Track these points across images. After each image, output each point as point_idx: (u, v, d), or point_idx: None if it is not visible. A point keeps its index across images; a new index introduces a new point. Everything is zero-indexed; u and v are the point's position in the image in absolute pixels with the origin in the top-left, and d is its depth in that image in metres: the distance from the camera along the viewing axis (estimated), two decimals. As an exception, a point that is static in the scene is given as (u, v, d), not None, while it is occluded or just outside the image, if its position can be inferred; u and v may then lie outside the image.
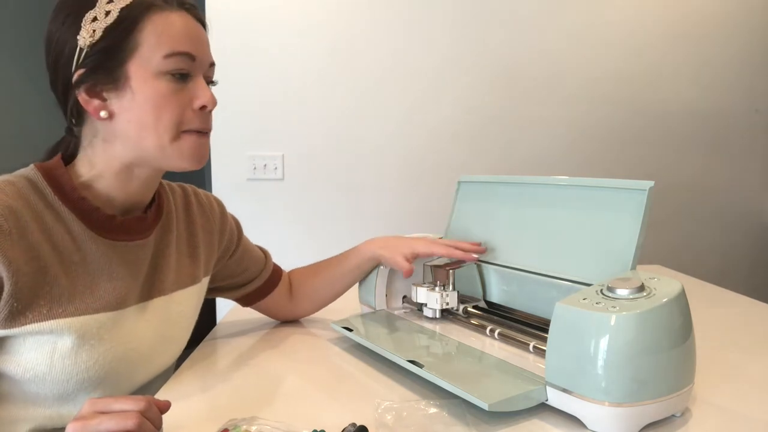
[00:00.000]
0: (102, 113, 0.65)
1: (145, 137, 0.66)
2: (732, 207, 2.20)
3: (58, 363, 0.63)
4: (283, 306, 1.00)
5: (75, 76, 0.64)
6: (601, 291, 0.62)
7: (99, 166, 0.68)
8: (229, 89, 1.92)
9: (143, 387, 0.75)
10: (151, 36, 0.64)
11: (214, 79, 0.73)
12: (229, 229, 0.91)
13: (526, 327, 0.80)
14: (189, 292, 0.81)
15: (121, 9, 0.63)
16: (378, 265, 0.95)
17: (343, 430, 0.57)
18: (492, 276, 0.90)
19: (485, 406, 0.59)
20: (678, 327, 0.59)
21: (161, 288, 0.76)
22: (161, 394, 0.71)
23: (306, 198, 2.02)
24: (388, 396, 0.69)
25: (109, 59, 0.64)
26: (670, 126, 2.13)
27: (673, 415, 0.62)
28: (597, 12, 2.05)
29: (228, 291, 0.95)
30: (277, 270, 0.99)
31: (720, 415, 0.63)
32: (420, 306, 0.94)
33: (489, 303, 0.91)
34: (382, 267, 0.95)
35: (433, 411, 0.63)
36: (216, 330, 0.99)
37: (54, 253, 0.63)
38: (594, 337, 0.57)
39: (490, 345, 0.80)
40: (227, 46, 1.92)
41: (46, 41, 0.66)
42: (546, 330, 0.66)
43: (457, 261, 0.90)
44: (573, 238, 0.77)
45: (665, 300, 0.58)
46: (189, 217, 0.84)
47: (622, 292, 0.60)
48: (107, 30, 0.63)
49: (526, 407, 0.62)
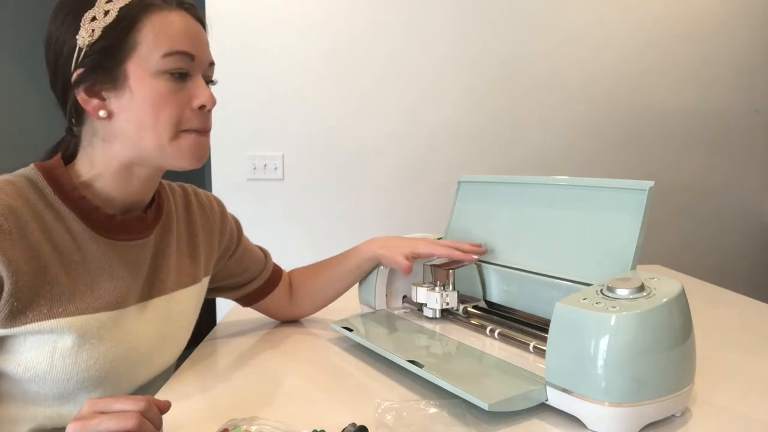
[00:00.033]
0: (101, 113, 0.65)
1: (144, 136, 0.66)
2: (732, 207, 2.20)
3: (58, 362, 0.63)
4: (283, 306, 1.00)
5: (74, 75, 0.64)
6: (601, 291, 0.62)
7: (98, 165, 0.69)
8: (229, 89, 1.92)
9: (143, 387, 0.75)
10: (150, 35, 0.64)
11: (213, 79, 0.73)
12: (229, 229, 0.91)
13: (526, 327, 0.80)
14: (189, 291, 0.81)
15: (120, 8, 0.63)
16: (378, 265, 0.95)
17: (343, 430, 0.57)
18: (492, 276, 0.90)
19: (485, 406, 0.59)
20: (678, 327, 0.59)
21: (162, 287, 0.76)
22: (161, 394, 0.71)
23: (306, 198, 2.02)
24: (388, 396, 0.69)
25: (108, 59, 0.64)
26: (670, 126, 2.14)
27: (673, 415, 0.62)
28: (597, 12, 2.05)
29: (228, 291, 0.95)
30: (277, 270, 0.99)
31: (720, 415, 0.63)
32: (420, 306, 0.94)
33: (489, 303, 0.91)
34: (382, 267, 0.95)
35: (433, 411, 0.63)
36: (216, 330, 0.99)
37: (54, 253, 0.63)
38: (594, 337, 0.57)
39: (490, 345, 0.80)
40: (227, 46, 1.92)
41: (45, 41, 0.66)
42: (546, 330, 0.66)
43: (457, 261, 0.90)
44: (573, 238, 0.77)
45: (665, 300, 0.58)
46: (189, 217, 0.84)
47: (622, 292, 0.60)
48: (106, 29, 0.63)
49: (526, 407, 0.62)
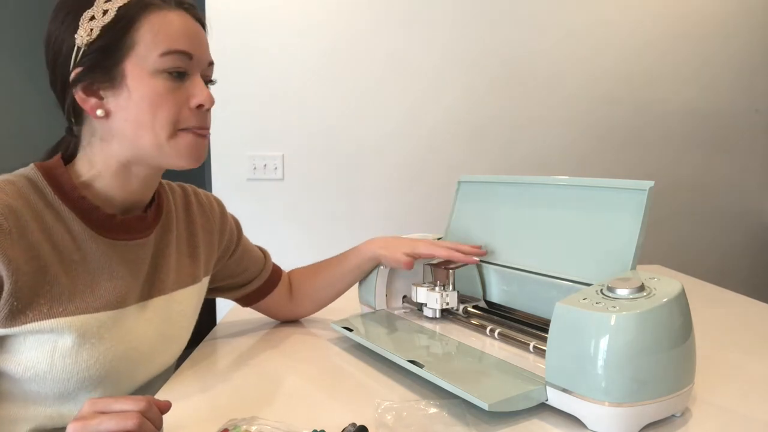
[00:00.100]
0: (99, 112, 0.65)
1: (142, 135, 0.66)
2: (732, 207, 2.20)
3: (58, 362, 0.63)
4: (283, 306, 1.00)
5: (72, 74, 0.64)
6: (601, 291, 0.62)
7: (98, 165, 0.69)
8: (229, 89, 1.92)
9: (143, 387, 0.75)
10: (148, 34, 0.64)
11: (213, 78, 0.73)
12: (229, 229, 0.91)
13: (526, 327, 0.80)
14: (189, 291, 0.81)
15: (119, 8, 0.63)
16: (378, 265, 0.95)
17: (343, 430, 0.57)
18: (492, 276, 0.90)
19: (485, 406, 0.59)
20: (678, 327, 0.59)
21: (161, 287, 0.76)
22: (161, 394, 0.71)
23: (306, 198, 2.02)
24: (388, 396, 0.69)
25: (106, 58, 0.64)
26: (670, 126, 2.14)
27: (673, 415, 0.62)
28: (597, 12, 2.05)
29: (228, 291, 0.95)
30: (277, 270, 0.99)
31: (720, 415, 0.63)
32: (420, 306, 0.94)
33: (489, 303, 0.91)
34: (382, 267, 0.95)
35: (433, 411, 0.63)
36: (216, 330, 0.99)
37: (54, 252, 0.63)
38: (594, 337, 0.57)
39: (490, 345, 0.80)
40: (227, 46, 1.92)
41: (45, 40, 0.66)
42: (546, 330, 0.66)
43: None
44: (573, 238, 0.77)
45: (665, 300, 0.58)
46: (189, 217, 0.84)
47: (622, 292, 0.60)
48: (104, 29, 0.63)
49: (526, 407, 0.62)
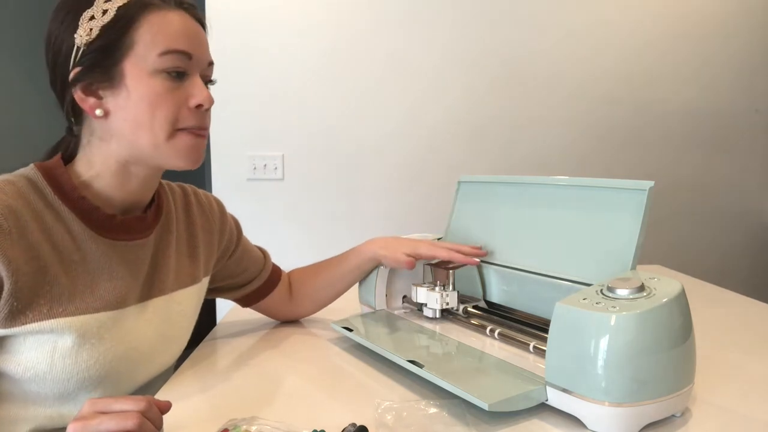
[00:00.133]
0: (97, 111, 0.65)
1: (141, 135, 0.66)
2: (732, 207, 2.20)
3: (58, 362, 0.63)
4: (283, 306, 1.00)
5: (71, 74, 0.64)
6: (601, 291, 0.62)
7: (96, 165, 0.69)
8: (229, 89, 1.92)
9: (143, 387, 0.75)
10: (147, 34, 0.64)
11: (213, 78, 0.73)
12: (229, 229, 0.91)
13: (526, 327, 0.80)
14: (189, 291, 0.81)
15: (119, 8, 0.63)
16: (378, 266, 0.95)
17: (343, 430, 0.57)
18: (492, 276, 0.90)
19: (485, 406, 0.59)
20: (678, 327, 0.59)
21: (161, 287, 0.76)
22: (161, 394, 0.71)
23: (306, 198, 2.02)
24: (388, 396, 0.69)
25: (105, 57, 0.64)
26: (670, 126, 2.14)
27: (673, 415, 0.62)
28: (597, 12, 2.05)
29: (227, 291, 0.95)
30: (276, 270, 0.99)
31: (720, 415, 0.63)
32: (420, 306, 0.94)
33: (489, 303, 0.91)
34: (382, 267, 0.95)
35: (433, 411, 0.63)
36: (216, 330, 0.99)
37: (54, 253, 0.63)
38: (594, 337, 0.57)
39: (490, 345, 0.80)
40: (227, 46, 1.92)
41: (45, 40, 0.66)
42: (546, 330, 0.66)
43: (457, 261, 0.90)
44: (573, 238, 0.77)
45: (665, 300, 0.58)
46: (189, 218, 0.84)
47: (622, 292, 0.60)
48: (104, 28, 0.63)
49: (526, 407, 0.62)
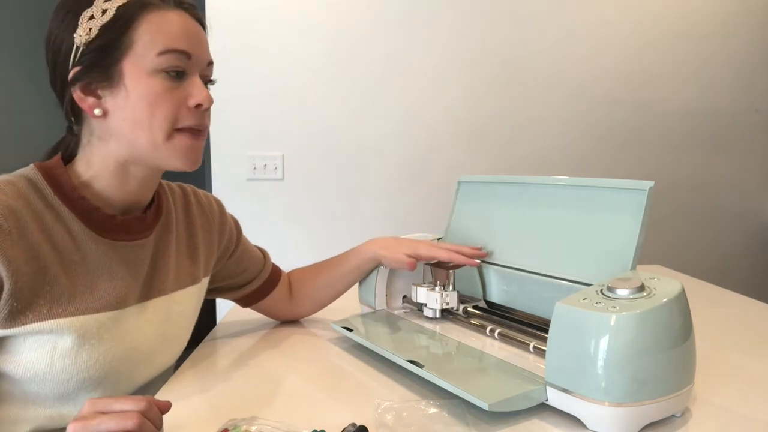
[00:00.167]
0: (96, 111, 0.65)
1: (139, 135, 0.66)
2: (732, 207, 2.20)
3: (58, 363, 0.63)
4: (283, 306, 0.99)
5: (71, 73, 0.64)
6: (601, 291, 0.62)
7: (95, 165, 0.69)
8: (229, 89, 1.92)
9: (143, 387, 0.75)
10: (146, 34, 0.64)
11: (213, 78, 0.73)
12: (229, 230, 0.91)
13: (526, 327, 0.80)
14: (189, 292, 0.81)
15: (118, 7, 0.63)
16: (378, 266, 0.95)
17: (343, 430, 0.57)
18: (492, 276, 0.90)
19: (485, 406, 0.59)
20: (678, 327, 0.59)
21: (161, 288, 0.76)
22: (161, 394, 0.71)
23: (306, 198, 2.02)
24: (388, 396, 0.69)
25: (105, 57, 0.64)
26: (670, 126, 2.14)
27: (673, 415, 0.62)
28: (597, 12, 2.05)
29: (227, 292, 0.95)
30: (276, 270, 0.99)
31: (720, 415, 0.63)
32: (420, 306, 0.94)
33: (489, 303, 0.91)
34: (382, 267, 0.95)
35: (433, 411, 0.63)
36: (216, 330, 0.99)
37: (54, 253, 0.63)
38: (594, 337, 0.57)
39: (490, 345, 0.80)
40: (227, 46, 1.92)
41: (46, 39, 0.66)
42: (546, 330, 0.66)
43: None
44: (573, 238, 0.77)
45: (665, 300, 0.58)
46: (188, 218, 0.84)
47: (622, 292, 0.60)
48: (103, 28, 0.63)
49: (526, 407, 0.62)
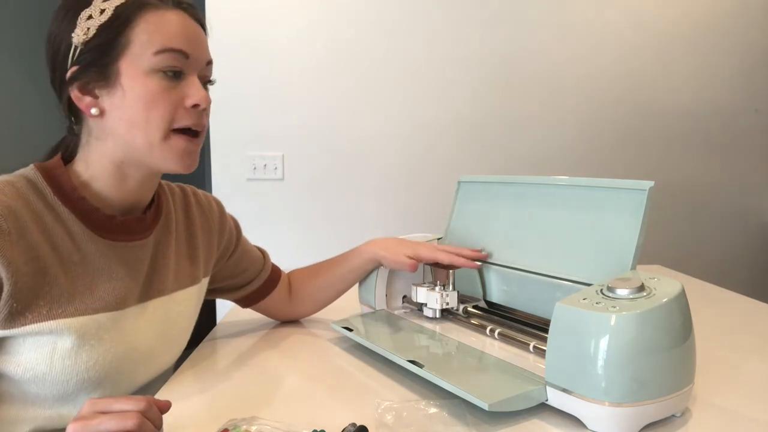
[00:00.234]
0: (93, 110, 0.65)
1: (136, 135, 0.66)
2: (732, 207, 2.20)
3: (58, 363, 0.63)
4: (283, 307, 0.99)
5: (68, 72, 0.64)
6: (601, 291, 0.62)
7: (93, 165, 0.68)
8: (230, 89, 1.92)
9: (143, 387, 0.75)
10: (143, 33, 0.64)
11: (212, 78, 0.73)
12: (228, 230, 0.91)
13: (526, 327, 0.80)
14: (188, 292, 0.81)
15: (116, 7, 0.63)
16: (378, 266, 0.95)
17: (343, 430, 0.57)
18: (492, 276, 0.90)
19: (485, 406, 0.59)
20: (678, 327, 0.59)
21: (161, 288, 0.76)
22: (161, 394, 0.71)
23: (306, 198, 2.02)
24: (388, 396, 0.69)
25: (102, 56, 0.64)
26: (670, 125, 2.13)
27: (673, 415, 0.62)
28: (597, 11, 2.05)
29: (227, 292, 0.95)
30: (276, 271, 0.99)
31: (720, 415, 0.63)
32: (420, 306, 0.94)
33: (489, 303, 0.91)
34: (382, 267, 0.95)
35: (433, 411, 0.63)
36: (216, 330, 0.99)
37: (53, 254, 0.63)
38: (594, 337, 0.57)
39: (490, 345, 0.80)
40: (227, 45, 1.92)
41: (46, 39, 0.66)
42: (546, 330, 0.66)
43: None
44: (573, 238, 0.77)
45: (665, 300, 0.58)
46: (188, 218, 0.84)
47: (622, 292, 0.60)
48: (101, 28, 0.63)
49: (526, 407, 0.62)
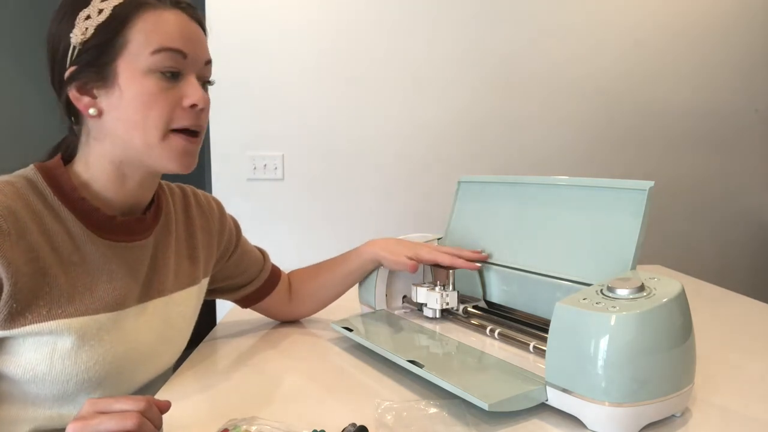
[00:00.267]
0: (91, 110, 0.65)
1: (134, 135, 0.66)
2: (732, 206, 2.20)
3: (57, 363, 0.63)
4: (283, 307, 0.99)
5: (67, 72, 0.64)
6: (601, 291, 0.62)
7: (92, 166, 0.68)
8: (230, 89, 1.92)
9: (143, 387, 0.75)
10: (141, 33, 0.64)
11: (211, 80, 0.73)
12: (228, 230, 0.91)
13: (526, 327, 0.80)
14: (188, 293, 0.81)
15: (114, 7, 0.63)
16: (378, 266, 0.95)
17: (343, 430, 0.57)
18: (492, 276, 0.90)
19: (485, 406, 0.59)
20: (678, 327, 0.59)
21: (161, 289, 0.76)
22: (161, 394, 0.71)
23: (306, 198, 2.02)
24: (388, 396, 0.69)
25: (99, 56, 0.64)
26: (669, 125, 2.13)
27: (673, 415, 0.62)
28: (597, 11, 2.05)
29: (227, 292, 0.95)
30: (276, 271, 0.99)
31: (720, 415, 0.63)
32: (420, 306, 0.94)
33: (489, 303, 0.91)
34: (382, 267, 0.95)
35: (433, 411, 0.63)
36: (216, 330, 0.99)
37: (53, 254, 0.63)
38: (594, 337, 0.57)
39: (490, 345, 0.80)
40: (227, 45, 1.92)
41: (47, 39, 0.66)
42: (546, 330, 0.66)
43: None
44: (573, 238, 0.77)
45: (665, 300, 0.58)
46: (188, 219, 0.84)
47: (622, 292, 0.60)
48: (99, 28, 0.63)
49: (526, 407, 0.62)
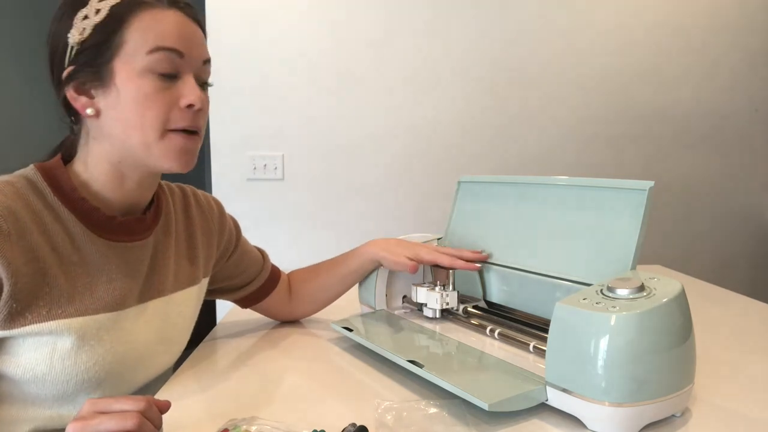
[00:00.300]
0: (88, 110, 0.65)
1: (132, 135, 0.66)
2: (732, 207, 2.20)
3: (57, 364, 0.63)
4: (283, 307, 0.99)
5: (64, 72, 0.64)
6: (601, 291, 0.62)
7: (91, 166, 0.68)
8: (230, 89, 1.92)
9: (143, 387, 0.75)
10: (137, 33, 0.64)
11: (209, 82, 0.72)
12: (228, 230, 0.91)
13: (526, 327, 0.80)
14: (188, 293, 0.81)
15: (111, 7, 0.63)
16: (378, 267, 0.95)
17: (343, 430, 0.57)
18: (492, 276, 0.90)
19: (485, 406, 0.59)
20: (678, 327, 0.59)
21: (160, 289, 0.76)
22: (161, 394, 0.71)
23: (306, 198, 2.02)
24: (388, 396, 0.69)
25: (97, 56, 0.64)
26: (669, 125, 2.13)
27: (673, 415, 0.62)
28: (596, 11, 2.05)
29: (227, 293, 0.95)
30: (276, 271, 0.99)
31: (720, 415, 0.63)
32: (420, 306, 0.94)
33: (489, 303, 0.91)
34: (382, 267, 0.94)
35: (433, 411, 0.63)
36: (216, 330, 0.99)
37: (53, 254, 0.63)
38: (594, 337, 0.57)
39: (490, 345, 0.80)
40: (227, 45, 1.92)
41: (47, 39, 0.66)
42: (546, 330, 0.66)
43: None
44: (573, 238, 0.77)
45: (665, 300, 0.58)
46: (188, 219, 0.84)
47: (622, 292, 0.60)
48: (96, 27, 0.63)
49: (526, 407, 0.62)
